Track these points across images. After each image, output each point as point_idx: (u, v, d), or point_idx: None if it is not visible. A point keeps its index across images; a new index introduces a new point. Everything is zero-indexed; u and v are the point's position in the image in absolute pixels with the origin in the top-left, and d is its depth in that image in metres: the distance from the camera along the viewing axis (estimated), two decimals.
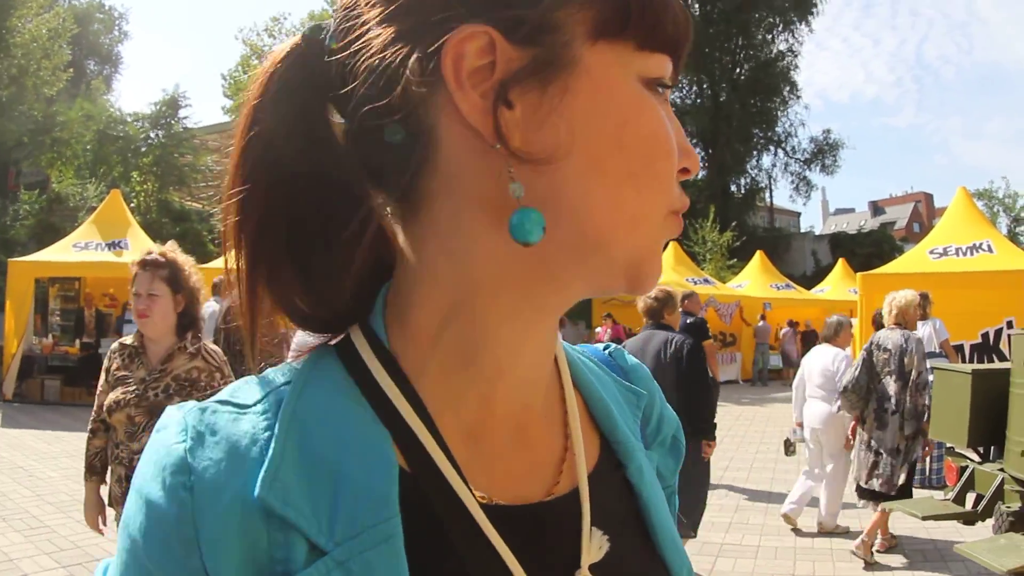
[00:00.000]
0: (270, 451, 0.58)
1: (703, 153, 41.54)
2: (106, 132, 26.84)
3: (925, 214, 77.41)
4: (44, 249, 16.07)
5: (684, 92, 42.59)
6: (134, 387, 3.41)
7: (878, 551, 6.46)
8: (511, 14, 0.58)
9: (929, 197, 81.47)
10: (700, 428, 5.54)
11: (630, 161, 0.61)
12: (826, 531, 7.08)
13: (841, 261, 26.02)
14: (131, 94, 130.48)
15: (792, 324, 22.62)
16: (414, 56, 0.59)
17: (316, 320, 0.70)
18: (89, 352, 15.21)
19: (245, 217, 0.65)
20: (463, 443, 0.66)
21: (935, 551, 6.48)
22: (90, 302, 16.98)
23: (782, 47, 41.56)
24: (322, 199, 0.66)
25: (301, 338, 0.72)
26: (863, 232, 44.70)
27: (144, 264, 3.50)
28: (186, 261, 3.58)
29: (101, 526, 3.74)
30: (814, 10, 41.11)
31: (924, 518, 5.42)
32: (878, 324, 8.82)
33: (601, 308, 21.64)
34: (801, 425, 7.46)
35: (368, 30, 0.61)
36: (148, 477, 0.59)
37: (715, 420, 5.81)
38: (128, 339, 3.62)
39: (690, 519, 5.68)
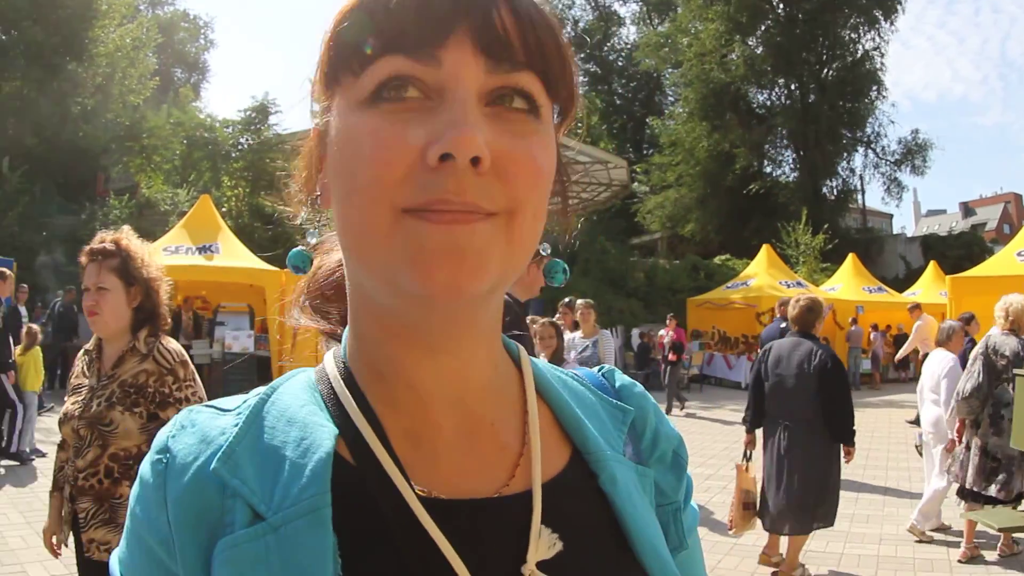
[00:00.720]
0: (231, 437, 0.73)
1: (794, 155, 40.87)
2: (195, 138, 27.15)
3: (1015, 215, 74.81)
4: None
5: (772, 93, 41.98)
6: (83, 397, 3.05)
7: (960, 561, 6.37)
8: (317, 113, 0.77)
9: (1018, 197, 78.79)
10: (841, 436, 5.97)
11: (341, 184, 0.70)
12: (916, 534, 6.99)
13: (932, 263, 25.29)
14: (221, 100, 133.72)
15: (876, 328, 22.16)
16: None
17: (336, 337, 0.94)
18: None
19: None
20: (405, 443, 0.74)
21: (1017, 561, 6.38)
22: (189, 304, 17.03)
23: (868, 46, 40.46)
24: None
25: None
26: (953, 234, 43.36)
27: (92, 254, 3.09)
28: (141, 249, 3.18)
29: (56, 548, 3.22)
30: (898, 7, 40.00)
31: (1000, 530, 5.34)
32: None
33: (696, 311, 21.86)
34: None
35: None
36: (145, 460, 0.75)
37: (855, 428, 6.05)
38: (90, 343, 3.25)
39: (829, 511, 6.04)
